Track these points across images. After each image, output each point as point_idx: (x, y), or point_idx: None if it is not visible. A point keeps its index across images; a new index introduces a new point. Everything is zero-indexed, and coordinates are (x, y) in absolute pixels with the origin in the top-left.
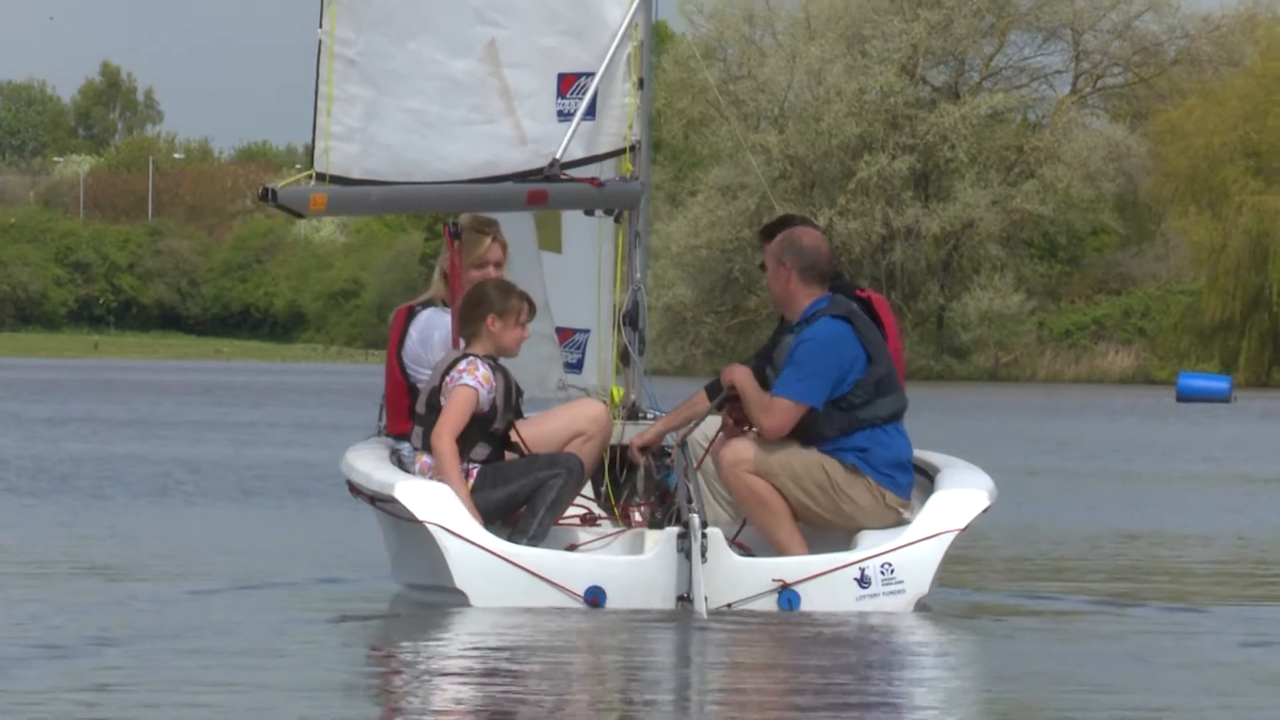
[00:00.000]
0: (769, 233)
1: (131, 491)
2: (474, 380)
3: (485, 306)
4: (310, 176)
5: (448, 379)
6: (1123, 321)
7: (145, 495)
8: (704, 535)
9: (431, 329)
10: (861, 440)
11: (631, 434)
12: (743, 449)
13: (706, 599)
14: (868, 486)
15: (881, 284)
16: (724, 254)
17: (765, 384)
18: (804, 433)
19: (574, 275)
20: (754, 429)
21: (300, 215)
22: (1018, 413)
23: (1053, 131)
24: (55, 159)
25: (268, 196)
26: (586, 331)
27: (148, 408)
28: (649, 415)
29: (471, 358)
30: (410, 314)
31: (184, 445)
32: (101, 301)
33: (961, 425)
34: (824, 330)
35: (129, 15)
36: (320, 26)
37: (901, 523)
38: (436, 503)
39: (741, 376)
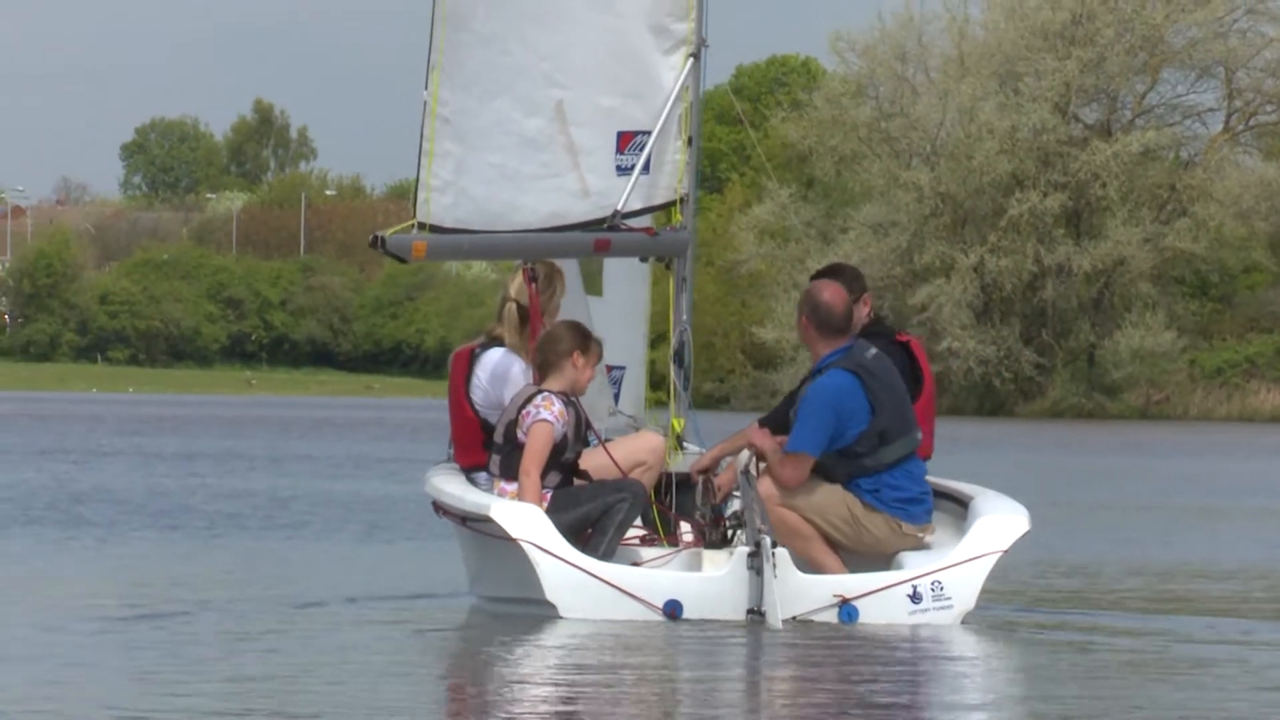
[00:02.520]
0: (817, 278)
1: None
2: (551, 415)
3: (570, 345)
4: (414, 226)
5: (524, 412)
6: (1275, 360)
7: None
8: (774, 554)
9: (505, 369)
10: (870, 484)
11: (683, 462)
12: (775, 486)
13: (778, 611)
14: (885, 520)
15: (1033, 322)
16: (875, 291)
17: (789, 426)
18: (822, 474)
19: (613, 317)
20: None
21: (404, 261)
22: (1168, 451)
23: (1205, 169)
24: (208, 196)
25: (377, 244)
26: (623, 368)
27: (356, 445)
28: (692, 447)
29: (546, 394)
30: (473, 356)
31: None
32: (254, 338)
33: (1113, 464)
34: (828, 382)
35: (282, 53)
36: (425, 89)
37: (921, 547)
38: (529, 523)
39: (760, 439)
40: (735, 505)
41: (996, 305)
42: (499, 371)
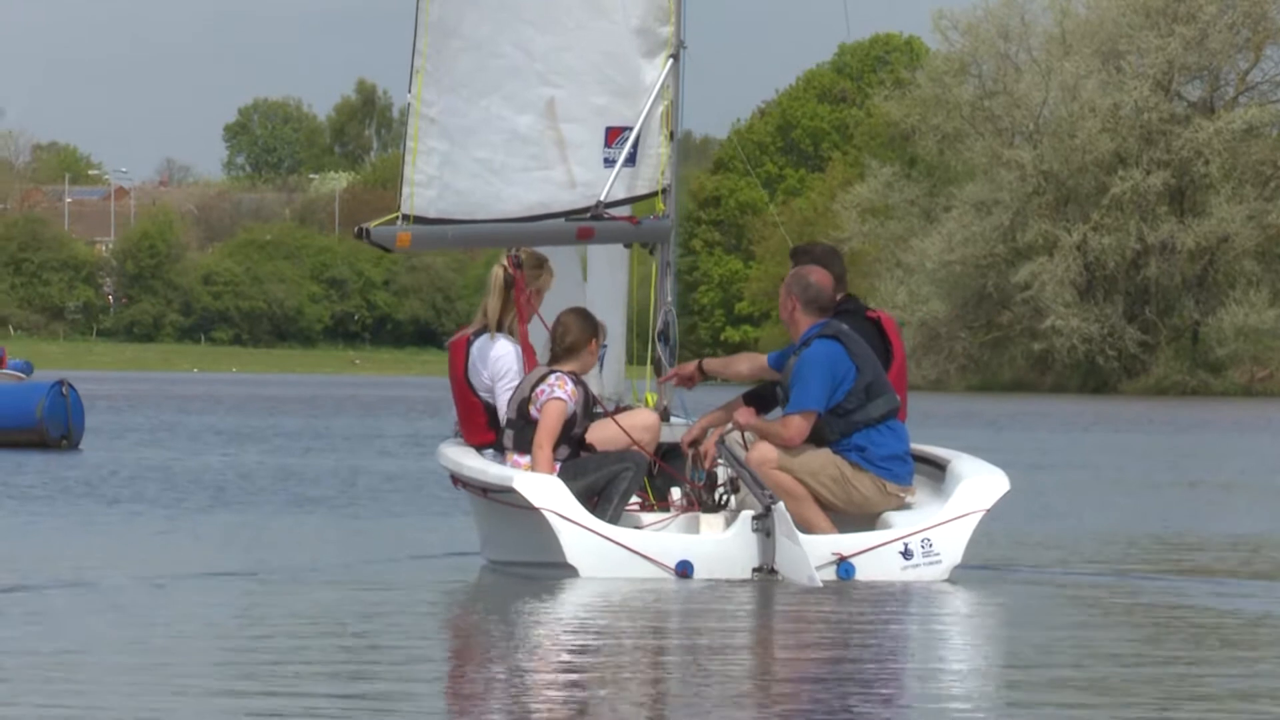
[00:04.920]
0: (794, 255)
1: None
2: (564, 394)
3: (589, 334)
4: (398, 218)
5: (538, 390)
6: None
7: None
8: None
9: (486, 352)
10: (859, 440)
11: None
12: (768, 451)
13: (776, 570)
14: (872, 479)
15: (1136, 299)
16: (978, 269)
17: (774, 399)
18: (814, 438)
19: (595, 300)
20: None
21: (389, 251)
22: (1272, 429)
23: None
24: (311, 176)
25: (362, 235)
26: (605, 347)
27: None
28: (678, 419)
29: (559, 374)
30: (469, 343)
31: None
32: (357, 318)
33: (1214, 442)
34: (818, 349)
35: (385, 32)
36: (409, 91)
37: (904, 506)
38: (550, 492)
39: (743, 416)
40: (724, 473)
41: (1100, 283)
42: (483, 353)
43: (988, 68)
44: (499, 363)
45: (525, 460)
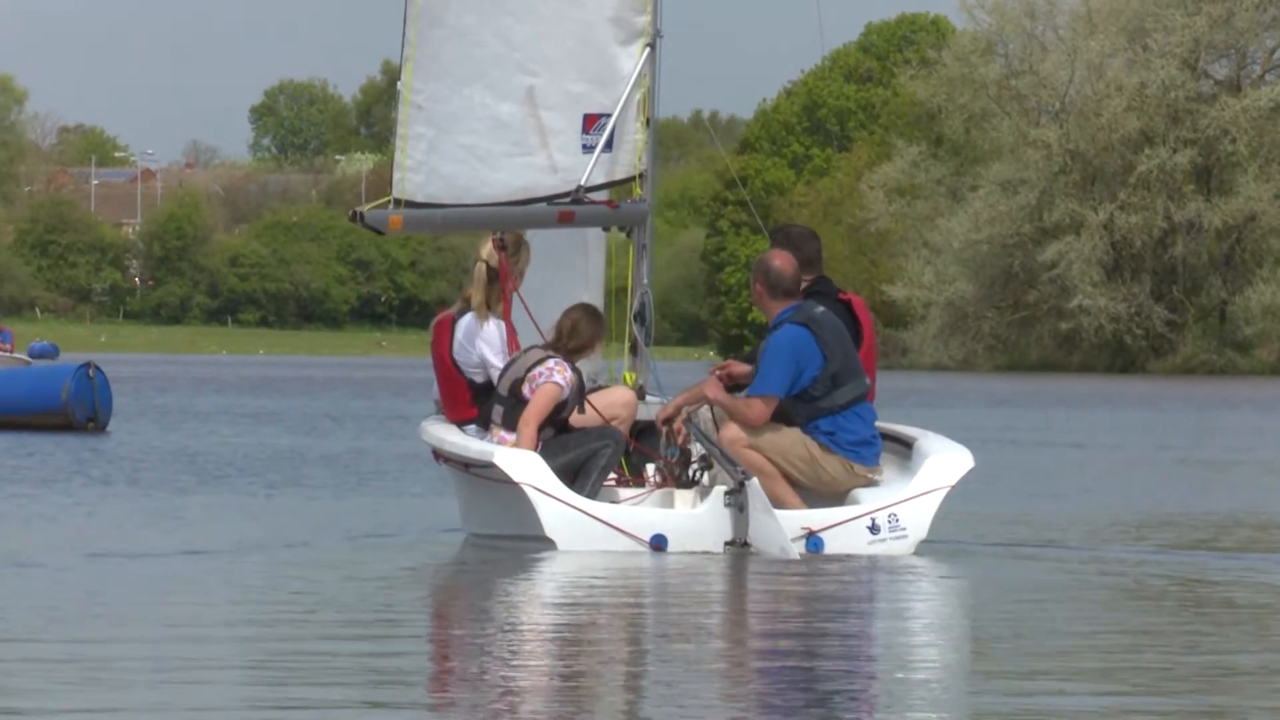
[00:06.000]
0: (772, 236)
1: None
2: (562, 380)
3: (600, 331)
4: (390, 202)
5: (535, 372)
6: None
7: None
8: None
9: (474, 330)
10: (826, 425)
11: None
12: (739, 430)
13: (748, 543)
14: (840, 461)
15: (1163, 278)
16: (1005, 249)
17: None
18: (782, 419)
19: (573, 281)
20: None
21: (382, 233)
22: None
23: None
24: (337, 158)
25: (356, 218)
26: None
27: None
28: (653, 397)
29: (559, 359)
30: (453, 322)
31: None
32: (383, 299)
33: (1239, 421)
34: (784, 335)
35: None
36: (400, 80)
37: (871, 484)
38: (529, 467)
39: (713, 392)
40: (697, 449)
41: (1127, 262)
42: (470, 333)
43: (1014, 47)
44: (489, 343)
45: (513, 437)
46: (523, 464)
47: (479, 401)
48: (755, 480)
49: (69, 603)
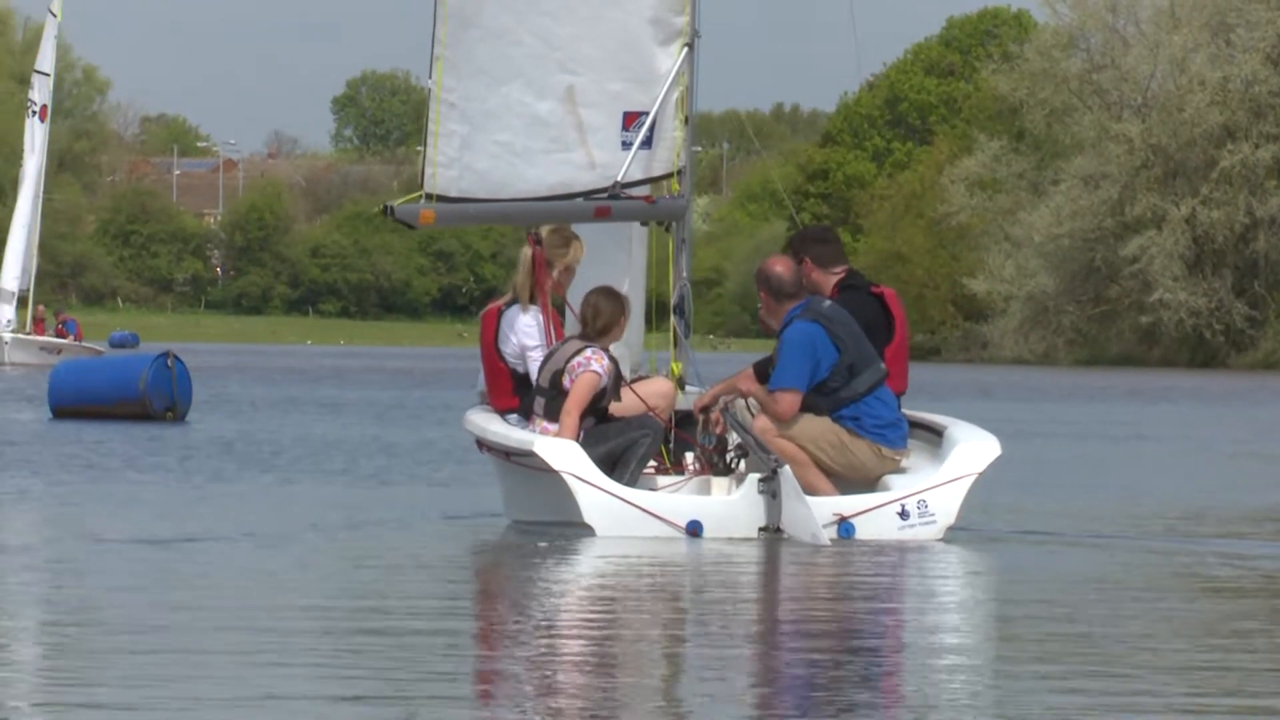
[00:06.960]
0: (790, 242)
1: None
2: (600, 369)
3: (621, 309)
4: (421, 197)
5: (574, 362)
6: None
7: None
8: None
9: (514, 320)
10: (850, 412)
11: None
12: (771, 421)
13: (780, 529)
14: (868, 445)
15: (1245, 273)
16: (1086, 243)
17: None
18: (810, 410)
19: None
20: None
21: (413, 228)
22: None
23: None
24: (418, 148)
25: (387, 212)
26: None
27: None
28: (693, 387)
29: (595, 348)
30: (500, 314)
31: None
32: (465, 290)
33: None
34: (796, 330)
35: None
36: (430, 78)
37: (900, 470)
38: (568, 456)
39: (745, 384)
40: (735, 438)
41: (1208, 257)
42: (512, 323)
43: (1096, 41)
44: (527, 332)
45: (554, 428)
46: (562, 452)
47: (520, 391)
48: (787, 468)
49: (153, 585)
